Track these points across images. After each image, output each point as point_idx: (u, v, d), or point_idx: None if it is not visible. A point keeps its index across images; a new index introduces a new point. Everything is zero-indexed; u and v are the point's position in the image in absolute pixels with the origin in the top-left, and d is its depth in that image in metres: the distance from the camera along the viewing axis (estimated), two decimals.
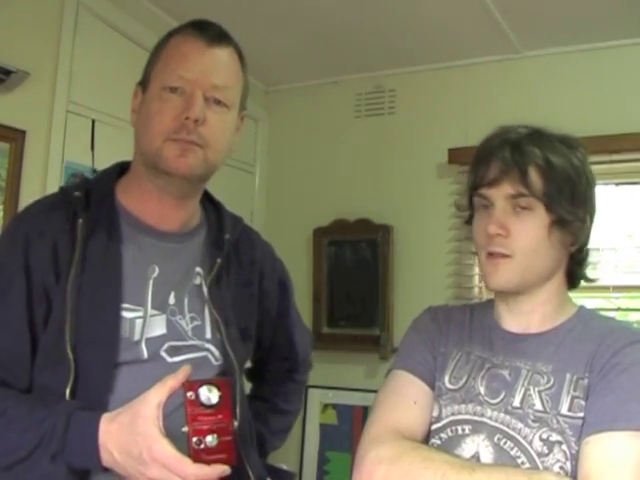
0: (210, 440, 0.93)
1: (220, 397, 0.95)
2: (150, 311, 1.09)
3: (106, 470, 0.95)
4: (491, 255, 1.07)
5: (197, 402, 0.93)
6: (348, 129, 3.03)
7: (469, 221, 1.16)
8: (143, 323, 1.08)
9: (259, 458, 1.25)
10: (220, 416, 0.94)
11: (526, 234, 1.05)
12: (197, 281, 1.17)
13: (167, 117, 1.07)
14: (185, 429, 0.93)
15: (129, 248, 1.11)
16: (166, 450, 0.89)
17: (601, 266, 2.51)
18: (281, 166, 3.18)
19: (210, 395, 0.94)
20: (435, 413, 1.09)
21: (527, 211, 1.05)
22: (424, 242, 2.82)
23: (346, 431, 2.81)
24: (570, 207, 1.05)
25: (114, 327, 1.04)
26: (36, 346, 1.03)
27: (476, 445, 1.03)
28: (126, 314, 1.07)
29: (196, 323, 1.15)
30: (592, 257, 1.16)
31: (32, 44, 2.03)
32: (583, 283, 1.18)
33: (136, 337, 1.07)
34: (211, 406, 0.94)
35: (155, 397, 0.92)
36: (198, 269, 1.18)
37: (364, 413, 2.72)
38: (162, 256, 1.14)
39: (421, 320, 1.21)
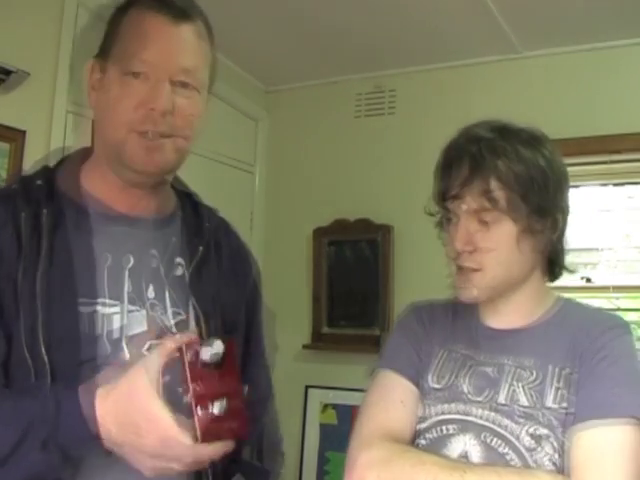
0: (219, 406, 0.80)
1: (224, 355, 0.81)
2: (127, 306, 1.00)
3: (107, 453, 0.85)
4: (461, 269, 1.07)
5: (198, 362, 0.79)
6: (348, 129, 3.03)
7: (440, 225, 1.14)
8: (121, 319, 0.99)
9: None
10: (227, 378, 0.80)
11: (494, 248, 1.03)
12: (179, 272, 1.08)
13: (130, 106, 0.97)
14: (185, 395, 0.80)
15: (100, 238, 1.01)
16: (172, 430, 0.80)
17: (600, 266, 2.51)
18: (281, 166, 3.18)
19: (213, 353, 0.80)
20: (420, 413, 1.09)
21: (494, 224, 1.03)
22: (424, 242, 2.79)
23: (346, 431, 2.77)
24: (537, 215, 1.02)
25: (90, 324, 0.96)
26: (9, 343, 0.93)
27: (463, 444, 1.03)
28: (101, 309, 0.98)
29: (180, 318, 1.06)
30: (592, 257, 1.15)
31: (32, 44, 2.03)
32: (583, 283, 1.18)
33: (115, 335, 0.98)
34: (216, 366, 0.80)
35: (154, 363, 0.83)
36: (179, 259, 1.09)
37: None
38: (136, 245, 1.04)
39: (405, 319, 1.21)
